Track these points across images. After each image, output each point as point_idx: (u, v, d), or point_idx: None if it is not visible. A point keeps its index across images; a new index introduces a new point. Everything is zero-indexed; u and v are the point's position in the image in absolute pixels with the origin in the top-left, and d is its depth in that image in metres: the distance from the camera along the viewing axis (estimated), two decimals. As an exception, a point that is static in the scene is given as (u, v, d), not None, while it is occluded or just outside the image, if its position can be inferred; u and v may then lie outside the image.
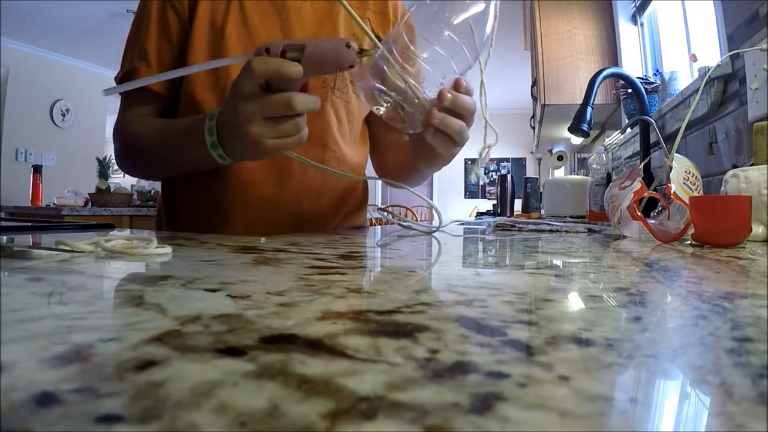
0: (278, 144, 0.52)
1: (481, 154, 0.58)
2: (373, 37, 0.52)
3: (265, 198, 0.75)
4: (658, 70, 1.85)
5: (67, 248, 0.37)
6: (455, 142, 0.56)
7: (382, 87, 0.52)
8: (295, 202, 0.77)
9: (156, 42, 0.72)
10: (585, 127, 1.26)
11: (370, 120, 0.90)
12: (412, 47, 0.51)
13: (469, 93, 0.55)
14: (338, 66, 0.50)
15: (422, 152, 0.67)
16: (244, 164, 0.74)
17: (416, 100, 0.52)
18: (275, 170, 0.75)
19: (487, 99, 0.56)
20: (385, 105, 0.53)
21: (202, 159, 0.60)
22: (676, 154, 0.71)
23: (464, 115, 0.54)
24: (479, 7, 0.51)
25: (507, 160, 7.20)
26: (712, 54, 1.42)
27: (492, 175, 7.20)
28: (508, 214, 2.60)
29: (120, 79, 0.72)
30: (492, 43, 0.53)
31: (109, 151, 4.57)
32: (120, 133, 0.75)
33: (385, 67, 0.51)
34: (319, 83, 0.76)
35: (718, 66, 1.04)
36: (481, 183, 7.13)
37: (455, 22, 0.50)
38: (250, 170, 0.74)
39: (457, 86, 0.53)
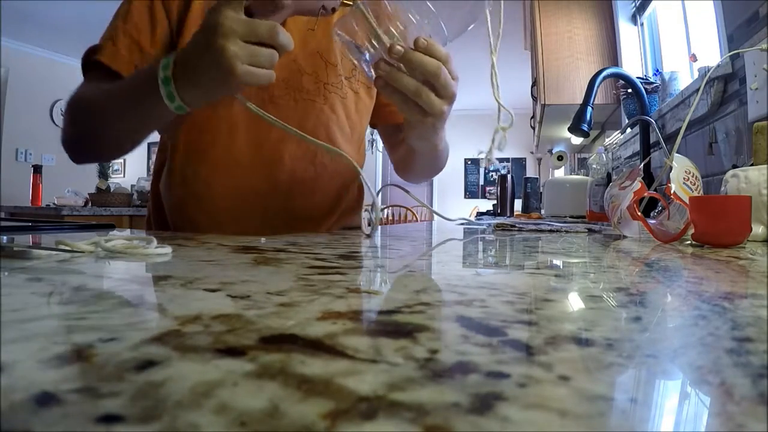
0: (250, 72, 0.49)
1: (494, 139, 0.57)
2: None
3: (254, 191, 0.75)
4: (658, 70, 1.85)
5: (67, 248, 0.37)
6: (418, 107, 0.53)
7: (352, 39, 0.52)
8: (286, 197, 0.77)
9: (136, 26, 0.69)
10: (585, 127, 1.26)
11: (381, 122, 0.91)
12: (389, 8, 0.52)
13: (430, 54, 0.51)
14: (324, 3, 0.50)
15: (406, 128, 0.63)
16: (233, 154, 0.73)
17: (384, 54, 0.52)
18: (264, 161, 0.75)
19: (487, 98, 0.56)
20: (359, 57, 0.53)
21: (149, 107, 0.56)
22: (676, 154, 0.71)
23: (427, 79, 0.51)
24: None
25: (507, 160, 7.19)
26: (712, 54, 1.42)
27: (492, 176, 7.19)
28: (508, 214, 2.60)
29: (85, 54, 0.70)
30: (501, 22, 0.53)
31: (109, 151, 4.57)
32: (68, 103, 0.69)
33: (354, 22, 0.51)
34: (312, 79, 0.76)
35: (718, 66, 1.04)
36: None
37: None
38: (239, 161, 0.74)
39: (415, 45, 0.50)
